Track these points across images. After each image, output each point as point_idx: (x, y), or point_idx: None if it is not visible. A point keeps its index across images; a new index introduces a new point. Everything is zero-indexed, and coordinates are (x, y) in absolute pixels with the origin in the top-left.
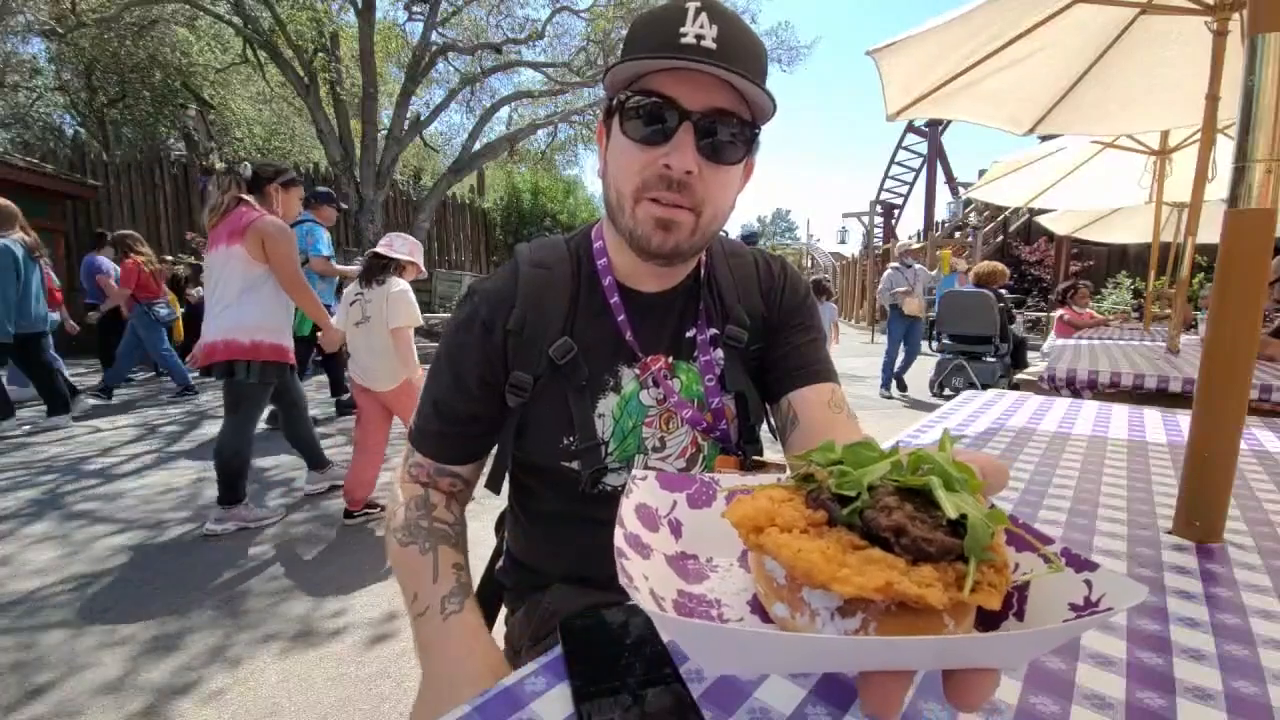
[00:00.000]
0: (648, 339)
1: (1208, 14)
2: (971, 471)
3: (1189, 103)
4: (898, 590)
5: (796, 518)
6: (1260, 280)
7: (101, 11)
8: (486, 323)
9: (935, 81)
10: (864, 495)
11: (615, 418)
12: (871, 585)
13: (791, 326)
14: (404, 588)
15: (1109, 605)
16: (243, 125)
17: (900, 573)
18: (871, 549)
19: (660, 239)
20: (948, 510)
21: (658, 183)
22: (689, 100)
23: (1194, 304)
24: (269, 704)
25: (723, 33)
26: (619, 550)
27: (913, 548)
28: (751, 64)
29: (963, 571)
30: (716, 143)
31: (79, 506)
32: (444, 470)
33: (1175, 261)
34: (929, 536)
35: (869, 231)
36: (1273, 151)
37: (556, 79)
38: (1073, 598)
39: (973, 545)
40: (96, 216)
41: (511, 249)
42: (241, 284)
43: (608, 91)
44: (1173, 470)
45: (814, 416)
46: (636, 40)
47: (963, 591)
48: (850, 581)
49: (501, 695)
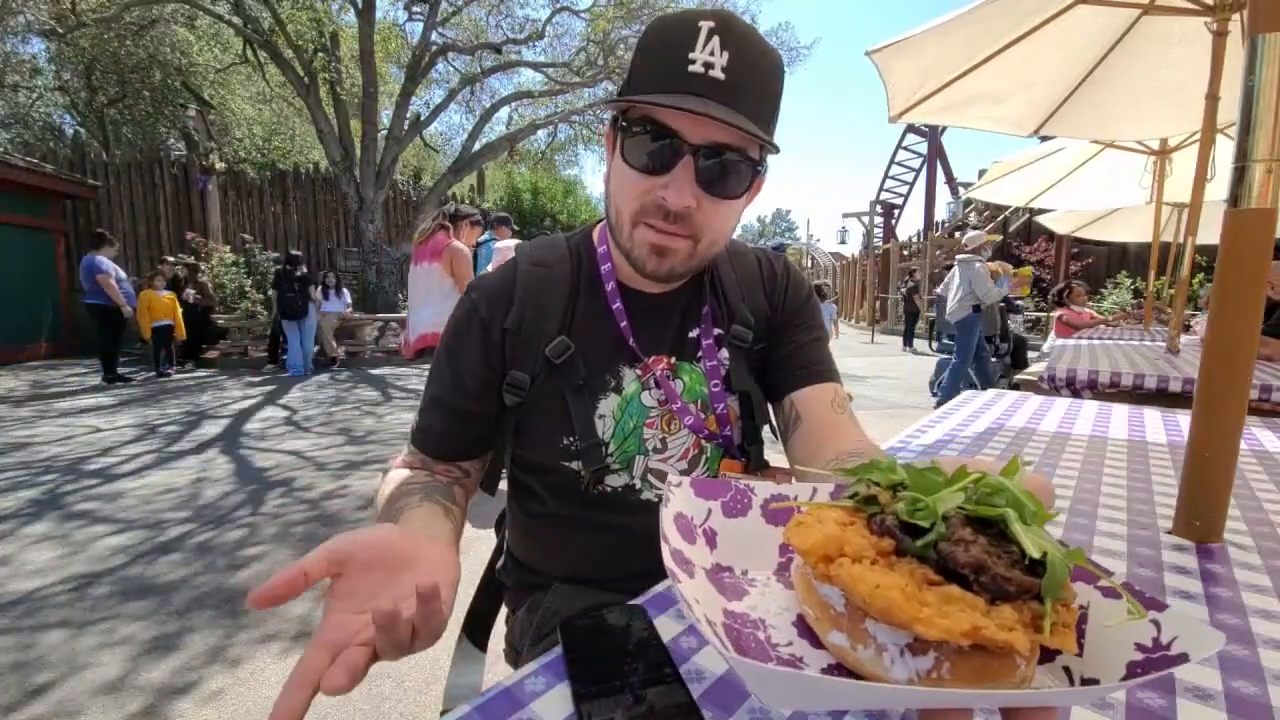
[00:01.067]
0: (650, 340)
1: (1208, 14)
2: (1040, 502)
3: (1190, 106)
4: (985, 636)
5: (865, 546)
6: (1260, 280)
7: (101, 11)
8: (485, 320)
9: (936, 83)
10: (939, 526)
11: (616, 418)
12: (959, 630)
13: (795, 326)
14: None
15: (1182, 651)
16: (243, 125)
17: (982, 614)
18: (948, 586)
19: (655, 264)
20: (1029, 549)
21: (655, 211)
22: (690, 133)
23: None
24: (269, 704)
25: (733, 61)
26: (671, 572)
27: (992, 586)
28: (760, 96)
29: (1037, 611)
30: (717, 176)
31: (79, 506)
32: (440, 463)
33: (1175, 261)
34: (1009, 575)
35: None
36: (1273, 151)
37: (556, 79)
38: (1140, 638)
39: (1050, 585)
40: (96, 216)
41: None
42: (439, 292)
43: (617, 104)
44: (1173, 470)
45: (817, 416)
46: (649, 54)
47: (1041, 633)
48: (935, 624)
49: (502, 695)
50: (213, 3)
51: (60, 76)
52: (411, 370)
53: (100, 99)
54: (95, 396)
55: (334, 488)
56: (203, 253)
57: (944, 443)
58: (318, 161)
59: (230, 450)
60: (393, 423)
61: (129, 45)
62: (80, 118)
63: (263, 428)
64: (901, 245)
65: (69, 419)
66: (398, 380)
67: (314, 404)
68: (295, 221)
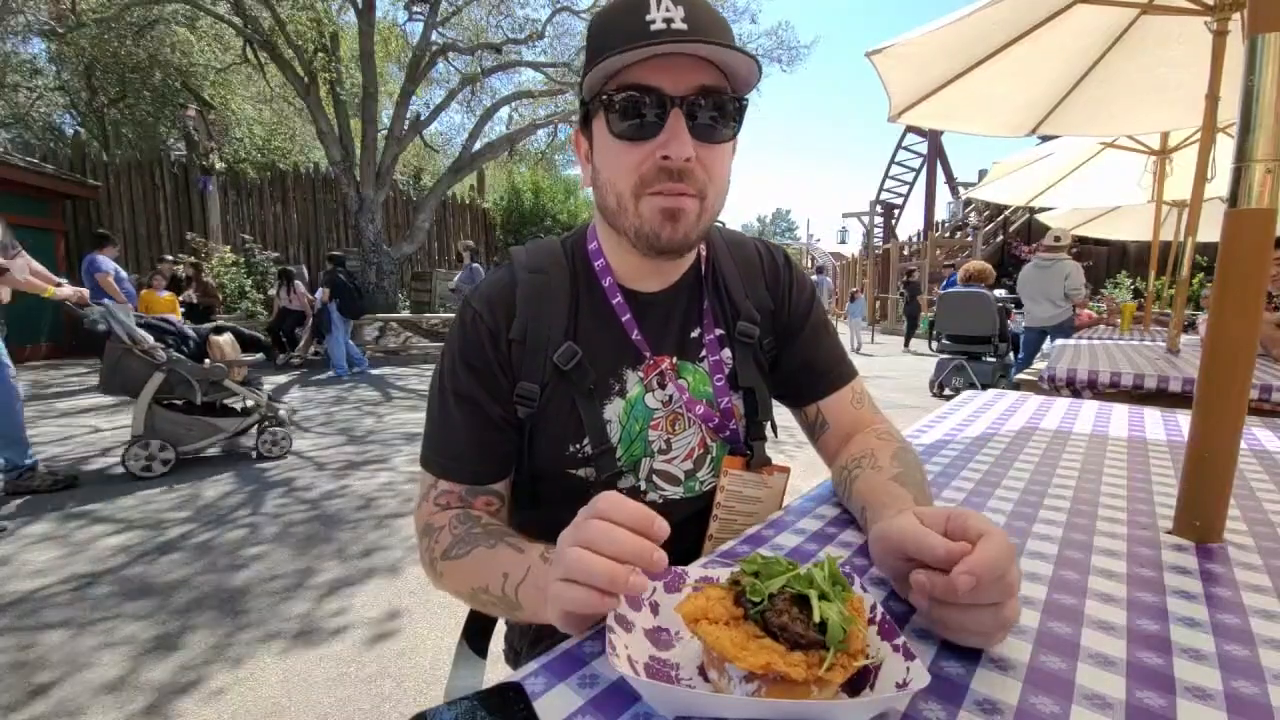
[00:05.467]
0: (654, 339)
1: (1207, 14)
2: (847, 584)
3: (1189, 103)
4: (774, 668)
5: (723, 613)
6: (1260, 280)
7: (101, 11)
8: (492, 330)
9: (936, 84)
10: (765, 600)
11: (622, 422)
12: (758, 663)
13: (805, 327)
14: (482, 582)
15: (916, 686)
16: (243, 125)
17: (779, 655)
18: (765, 639)
19: (670, 231)
20: (815, 615)
21: (658, 175)
22: (673, 85)
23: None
24: (270, 704)
25: (689, 13)
26: (609, 626)
27: (791, 639)
28: (725, 36)
29: (824, 656)
30: (708, 123)
31: (79, 506)
32: (476, 491)
33: (1175, 261)
34: (802, 633)
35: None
36: (1273, 151)
37: (556, 79)
38: (898, 678)
39: (830, 639)
40: (96, 216)
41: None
42: None
43: (584, 98)
44: (1173, 470)
45: (842, 419)
46: (603, 39)
47: (820, 669)
48: (745, 660)
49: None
50: (213, 3)
51: (60, 76)
52: (410, 370)
53: (100, 99)
54: (95, 396)
55: (334, 488)
56: (203, 253)
57: (944, 442)
58: (318, 161)
59: (230, 450)
60: (392, 423)
61: (129, 45)
62: (80, 118)
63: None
64: (901, 245)
65: (69, 419)
66: (398, 380)
67: (314, 404)
68: (295, 221)
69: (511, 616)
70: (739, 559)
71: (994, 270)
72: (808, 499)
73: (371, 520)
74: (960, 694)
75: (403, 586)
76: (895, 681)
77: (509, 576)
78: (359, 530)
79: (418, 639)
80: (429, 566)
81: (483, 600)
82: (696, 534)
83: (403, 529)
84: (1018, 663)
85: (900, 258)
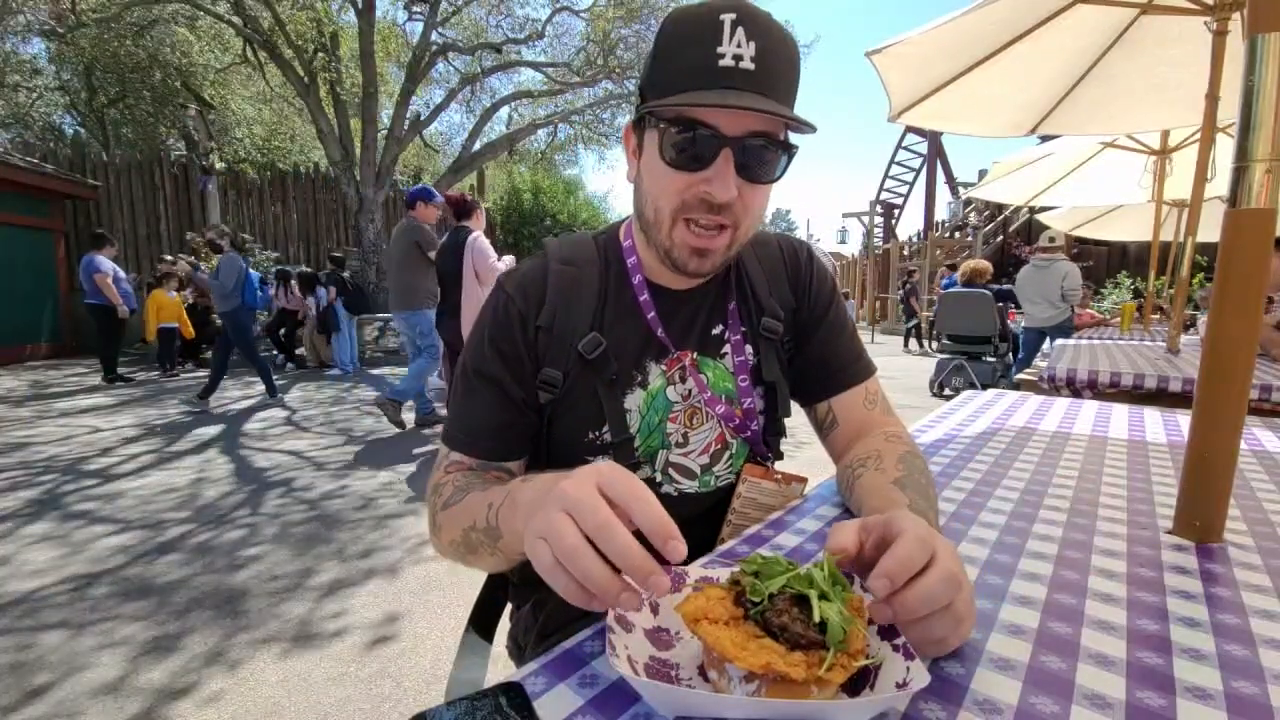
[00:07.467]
0: (677, 334)
1: (1207, 14)
2: (847, 584)
3: (1189, 103)
4: (774, 668)
5: (723, 613)
6: (1260, 280)
7: (101, 11)
8: (522, 314)
9: (936, 83)
10: (765, 601)
11: (642, 413)
12: (758, 663)
13: (824, 323)
14: (471, 519)
15: (916, 686)
16: (243, 125)
17: (779, 656)
18: (765, 639)
19: (697, 263)
20: (815, 615)
21: (698, 205)
22: (728, 127)
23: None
24: (269, 704)
25: (760, 50)
26: (609, 626)
27: (791, 639)
28: (789, 80)
29: (824, 657)
30: (755, 164)
31: (79, 506)
32: (489, 466)
33: (1175, 261)
34: (802, 633)
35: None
36: (1273, 151)
37: (556, 79)
38: (898, 678)
39: (830, 639)
40: (96, 216)
41: (512, 249)
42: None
43: (642, 102)
44: (1173, 470)
45: (852, 418)
46: (671, 52)
47: (820, 670)
48: (745, 660)
49: None
50: (213, 3)
51: (60, 76)
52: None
53: (100, 99)
54: (95, 396)
55: (334, 488)
56: (202, 253)
57: (944, 442)
58: (318, 161)
59: (230, 450)
60: (392, 423)
61: (129, 45)
62: (80, 118)
63: (263, 428)
64: (901, 245)
65: (69, 419)
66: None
67: (314, 404)
68: (295, 221)
69: (493, 554)
70: (739, 559)
71: (990, 269)
72: (808, 499)
73: (371, 520)
74: (960, 694)
75: (402, 587)
76: (895, 681)
77: (492, 505)
78: (358, 530)
79: (418, 639)
80: (433, 529)
81: (472, 541)
82: (707, 530)
83: (402, 529)
84: (1018, 663)
85: (900, 258)
